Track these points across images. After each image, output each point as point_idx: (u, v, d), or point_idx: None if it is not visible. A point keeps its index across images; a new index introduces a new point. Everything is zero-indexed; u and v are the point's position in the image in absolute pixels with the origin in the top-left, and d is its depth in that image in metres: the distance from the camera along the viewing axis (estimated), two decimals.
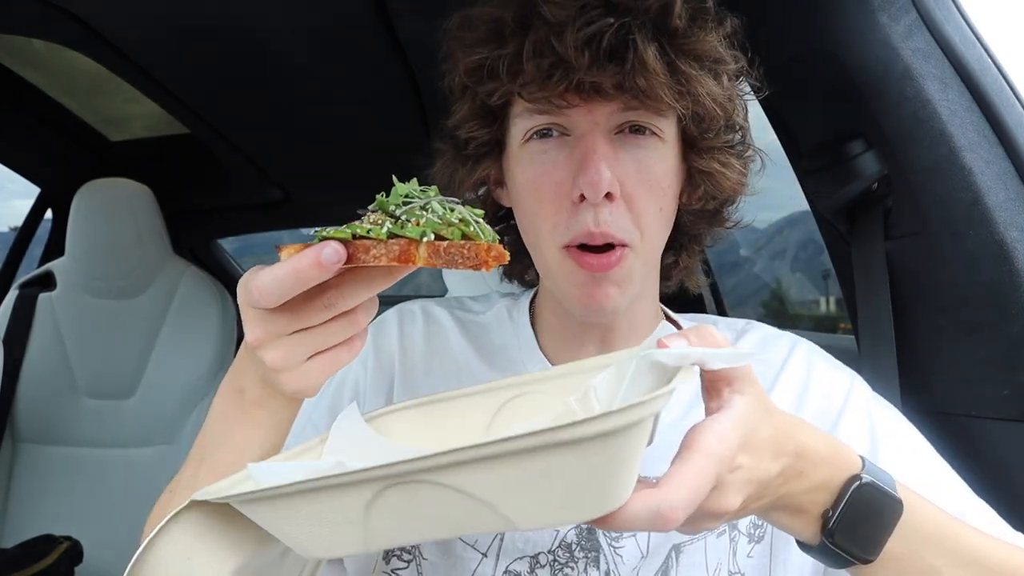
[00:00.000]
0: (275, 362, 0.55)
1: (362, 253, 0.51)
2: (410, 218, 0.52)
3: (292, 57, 1.63)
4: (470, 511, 0.43)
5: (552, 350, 0.83)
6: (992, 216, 0.87)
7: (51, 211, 2.57)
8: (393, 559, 0.76)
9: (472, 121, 0.76)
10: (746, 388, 0.51)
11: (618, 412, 0.40)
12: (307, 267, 0.50)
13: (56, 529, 1.90)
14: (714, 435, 0.47)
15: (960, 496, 0.73)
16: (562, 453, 0.40)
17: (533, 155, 0.73)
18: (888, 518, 0.56)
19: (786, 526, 0.57)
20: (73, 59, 1.76)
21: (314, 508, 0.45)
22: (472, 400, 0.67)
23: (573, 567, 0.72)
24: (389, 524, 0.45)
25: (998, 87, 0.91)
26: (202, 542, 0.50)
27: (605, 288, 0.71)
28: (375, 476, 0.43)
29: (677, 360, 0.48)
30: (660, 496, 0.44)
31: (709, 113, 0.70)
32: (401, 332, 0.85)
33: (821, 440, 0.56)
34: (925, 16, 0.92)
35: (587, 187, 0.67)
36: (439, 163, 0.82)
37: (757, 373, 0.79)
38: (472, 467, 0.42)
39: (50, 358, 2.14)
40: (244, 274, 0.56)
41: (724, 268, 3.12)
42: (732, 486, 0.49)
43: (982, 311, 0.89)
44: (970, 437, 0.91)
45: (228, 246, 3.24)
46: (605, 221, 0.69)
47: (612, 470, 0.42)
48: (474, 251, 0.51)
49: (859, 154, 0.99)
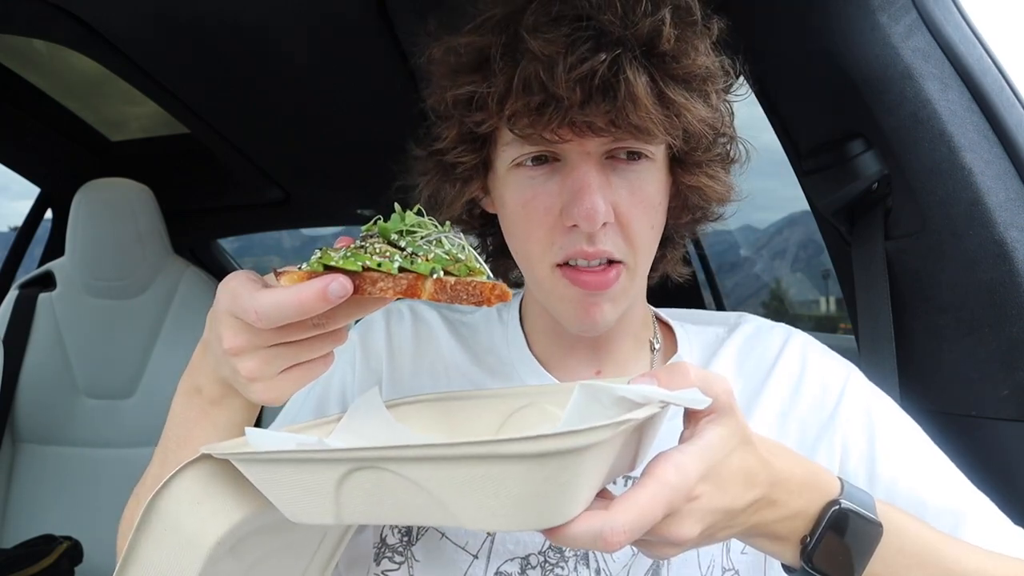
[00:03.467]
0: (251, 372, 0.55)
1: (368, 285, 0.53)
2: (418, 252, 0.54)
3: (292, 57, 1.63)
4: (425, 504, 0.47)
5: (542, 351, 0.83)
6: (992, 216, 0.87)
7: (51, 211, 2.57)
8: (384, 560, 0.76)
9: (459, 147, 0.75)
10: (722, 419, 0.52)
11: (552, 436, 0.43)
12: (312, 299, 0.51)
13: (56, 529, 1.90)
14: (673, 464, 0.48)
15: (959, 490, 0.73)
16: (501, 465, 0.44)
17: (522, 180, 0.72)
18: (867, 542, 0.57)
19: (766, 550, 0.58)
20: (73, 60, 1.76)
21: (296, 477, 0.50)
22: (488, 402, 0.70)
23: (563, 566, 0.72)
24: (358, 503, 0.49)
25: (998, 87, 0.91)
26: (210, 491, 0.54)
27: (600, 305, 0.71)
28: (343, 457, 0.48)
29: (642, 398, 0.49)
30: (605, 518, 0.45)
31: (698, 134, 0.70)
32: (389, 332, 0.85)
33: (799, 467, 0.56)
34: (925, 16, 0.92)
35: (582, 219, 0.67)
36: (423, 180, 0.81)
37: (751, 368, 0.80)
38: (424, 464, 0.46)
39: (50, 358, 2.14)
40: (230, 278, 0.56)
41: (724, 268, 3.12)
42: (689, 515, 0.49)
43: (982, 311, 0.89)
44: (970, 437, 0.91)
45: (228, 246, 3.25)
46: (600, 241, 0.69)
47: (552, 489, 0.44)
48: (479, 289, 0.53)
49: (859, 154, 0.99)
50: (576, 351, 0.81)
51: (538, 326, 0.84)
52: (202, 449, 0.54)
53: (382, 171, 0.83)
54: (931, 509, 0.69)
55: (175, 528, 0.53)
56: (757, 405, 0.78)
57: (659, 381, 0.52)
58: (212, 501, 0.54)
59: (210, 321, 0.59)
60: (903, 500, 0.69)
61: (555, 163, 0.71)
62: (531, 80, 0.65)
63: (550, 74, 0.64)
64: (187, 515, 0.53)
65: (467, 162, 0.75)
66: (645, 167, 0.71)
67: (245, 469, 0.52)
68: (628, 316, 0.80)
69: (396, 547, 0.76)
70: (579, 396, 0.50)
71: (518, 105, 0.65)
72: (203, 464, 0.54)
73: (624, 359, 0.82)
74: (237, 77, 1.75)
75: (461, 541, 0.74)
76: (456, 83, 0.71)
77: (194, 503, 0.53)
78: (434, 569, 0.74)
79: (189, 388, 0.63)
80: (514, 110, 0.66)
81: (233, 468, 0.54)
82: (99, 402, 2.15)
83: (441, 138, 0.76)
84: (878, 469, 0.73)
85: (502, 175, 0.74)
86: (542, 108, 0.65)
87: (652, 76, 0.65)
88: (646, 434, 0.55)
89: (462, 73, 0.70)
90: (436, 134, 0.77)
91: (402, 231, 0.56)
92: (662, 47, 0.65)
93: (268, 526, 0.58)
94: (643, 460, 0.53)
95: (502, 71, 0.67)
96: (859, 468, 0.73)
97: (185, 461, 0.54)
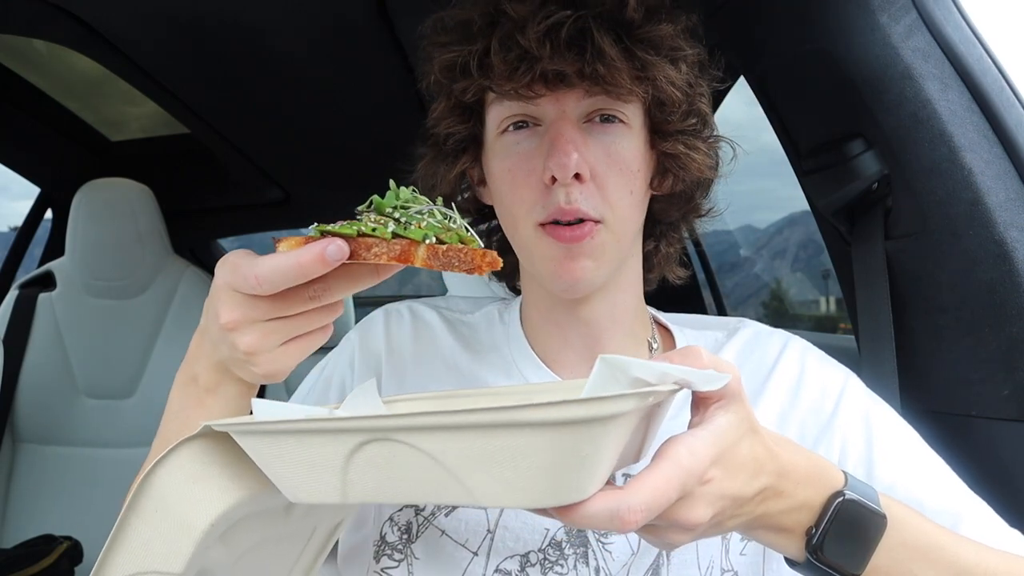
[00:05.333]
0: (250, 346, 0.56)
1: (363, 250, 0.54)
2: (411, 221, 0.55)
3: (292, 57, 1.63)
4: (439, 479, 0.46)
5: (541, 347, 0.83)
6: (992, 216, 0.87)
7: (51, 211, 2.57)
8: (383, 558, 0.76)
9: (449, 117, 0.80)
10: (731, 406, 0.52)
11: (578, 402, 0.41)
12: (310, 261, 0.52)
13: (56, 529, 1.90)
14: (686, 447, 0.48)
15: (956, 493, 0.73)
16: (523, 434, 0.42)
17: (508, 146, 0.76)
18: (872, 533, 0.57)
19: (771, 543, 0.58)
20: (73, 60, 1.76)
21: (303, 451, 0.49)
22: (486, 400, 0.70)
23: (563, 564, 0.72)
24: (368, 479, 0.48)
25: (998, 87, 0.91)
26: (207, 470, 0.53)
27: (580, 261, 0.73)
28: (356, 427, 0.47)
29: (658, 378, 0.49)
30: (620, 497, 0.45)
31: (670, 98, 0.74)
32: (388, 331, 0.86)
33: (804, 459, 0.57)
34: (925, 16, 0.92)
35: (556, 168, 0.70)
36: (421, 165, 0.85)
37: (749, 372, 0.80)
38: (440, 433, 0.44)
39: (50, 358, 2.14)
40: (228, 255, 0.57)
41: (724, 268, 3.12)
42: (701, 499, 0.49)
43: (982, 311, 0.89)
44: (970, 437, 0.91)
45: (228, 246, 3.24)
46: (576, 199, 0.72)
47: (572, 461, 0.43)
48: (470, 255, 0.53)
49: (859, 154, 0.99)
50: (571, 345, 0.82)
51: (534, 322, 0.84)
52: (203, 423, 0.53)
53: (382, 171, 0.83)
54: (928, 512, 0.69)
55: (167, 509, 0.52)
56: (755, 409, 0.77)
57: (673, 362, 0.51)
58: (207, 482, 0.53)
59: (207, 306, 0.60)
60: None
61: (536, 127, 0.75)
62: (507, 39, 0.71)
63: (523, 32, 0.70)
64: (180, 495, 0.52)
65: (457, 133, 0.80)
66: (621, 131, 0.75)
67: (246, 443, 0.51)
68: (619, 306, 0.81)
69: (396, 544, 0.76)
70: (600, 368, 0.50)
71: (496, 62, 0.72)
72: (200, 442, 0.54)
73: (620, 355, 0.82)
74: (237, 77, 1.75)
75: (461, 538, 0.74)
76: (443, 52, 0.77)
77: (188, 483, 0.53)
78: (434, 566, 0.74)
79: (186, 378, 0.64)
80: (493, 69, 0.72)
81: (231, 448, 0.53)
82: (99, 402, 2.15)
83: (433, 112, 0.81)
84: (876, 473, 0.73)
85: (490, 146, 0.79)
86: (517, 63, 0.70)
87: (618, 35, 0.71)
88: (652, 425, 0.54)
89: (449, 44, 0.77)
90: (430, 113, 0.82)
91: (396, 206, 0.57)
92: (628, 15, 0.71)
93: (261, 514, 0.58)
94: (648, 452, 0.53)
95: (482, 34, 0.73)
96: (857, 472, 0.73)
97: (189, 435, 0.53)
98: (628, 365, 0.49)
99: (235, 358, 0.58)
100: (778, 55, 1.08)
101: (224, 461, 0.54)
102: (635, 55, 0.71)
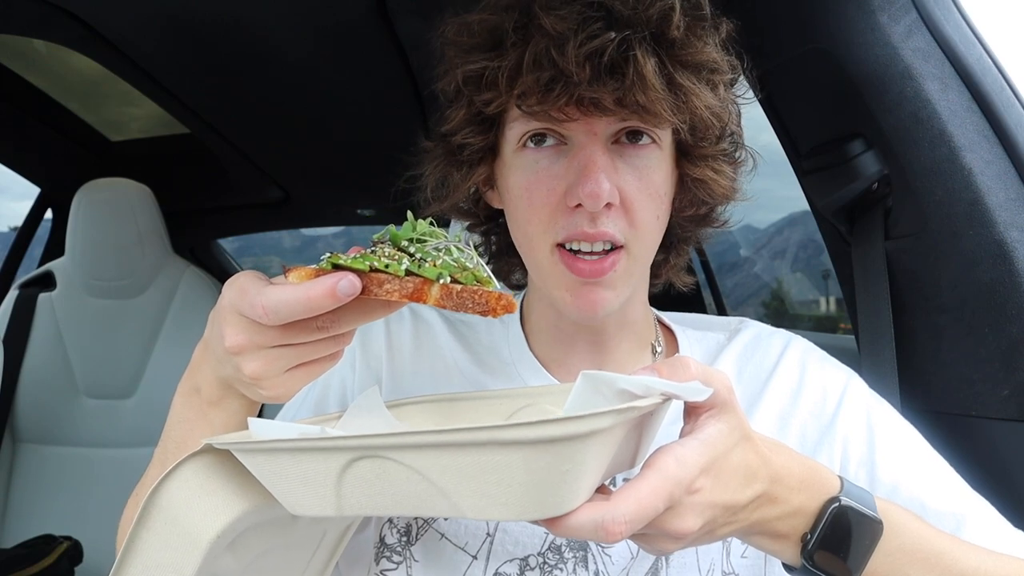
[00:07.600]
0: (255, 371, 0.55)
1: (375, 286, 0.53)
2: (426, 258, 0.54)
3: (292, 57, 1.63)
4: (427, 494, 0.47)
5: (542, 351, 0.83)
6: (992, 216, 0.87)
7: (51, 211, 2.58)
8: (383, 560, 0.76)
9: (467, 128, 0.75)
10: (722, 414, 0.52)
11: (555, 421, 0.42)
12: (320, 296, 0.51)
13: (56, 529, 1.90)
14: (674, 457, 0.48)
15: (960, 494, 0.73)
16: (504, 452, 0.44)
17: (527, 162, 0.72)
18: (868, 539, 0.57)
19: (767, 549, 0.58)
20: (73, 60, 1.76)
21: (298, 467, 0.50)
22: (488, 403, 0.71)
23: (562, 568, 0.72)
24: (360, 494, 0.50)
25: (998, 87, 0.91)
26: (211, 485, 0.54)
27: (599, 292, 0.71)
28: (345, 446, 0.48)
29: (643, 390, 0.49)
30: (606, 508, 0.45)
31: (705, 123, 0.69)
32: (388, 332, 0.85)
33: (799, 464, 0.56)
34: (925, 16, 0.92)
35: (587, 199, 0.67)
36: (430, 165, 0.81)
37: (750, 374, 0.80)
38: (427, 451, 0.46)
39: (50, 358, 2.14)
40: (237, 276, 0.56)
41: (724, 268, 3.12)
42: (690, 508, 0.49)
43: (982, 311, 0.89)
44: (970, 437, 0.91)
45: (228, 246, 3.25)
46: (603, 223, 0.69)
47: (553, 477, 0.44)
48: (484, 298, 0.53)
49: (859, 154, 0.99)
50: (577, 351, 0.81)
51: (539, 326, 0.84)
52: (204, 440, 0.54)
53: (382, 171, 0.83)
54: (931, 513, 0.69)
55: (175, 521, 0.53)
56: (757, 410, 0.78)
57: (660, 374, 0.51)
58: (212, 495, 0.54)
59: (212, 319, 0.58)
60: (904, 504, 0.69)
61: (560, 146, 0.71)
62: (542, 56, 0.65)
63: (560, 50, 0.64)
64: (187, 508, 0.53)
65: (474, 144, 0.75)
66: (651, 153, 0.71)
67: (246, 460, 0.52)
68: (629, 315, 0.80)
69: (395, 547, 0.75)
70: (582, 385, 0.50)
71: (528, 81, 0.66)
72: (204, 457, 0.55)
73: (625, 360, 0.82)
74: (237, 77, 1.75)
75: (460, 542, 0.74)
76: (468, 60, 0.71)
77: (194, 496, 0.54)
78: (433, 569, 0.74)
79: (188, 389, 0.63)
80: (524, 87, 0.67)
81: (235, 462, 0.54)
82: (99, 402, 2.15)
83: (450, 120, 0.76)
84: (878, 474, 0.73)
85: (508, 159, 0.74)
86: (551, 84, 0.65)
87: (661, 59, 0.66)
88: (646, 431, 0.55)
89: (475, 51, 0.71)
90: (445, 117, 0.77)
91: (412, 239, 0.56)
92: (671, 34, 0.66)
93: (268, 522, 0.59)
94: (642, 458, 0.53)
95: (514, 47, 0.67)
96: (859, 473, 0.73)
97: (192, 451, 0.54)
98: (614, 379, 0.49)
99: (239, 379, 0.57)
100: (778, 55, 1.08)
101: (229, 474, 0.55)
102: (675, 82, 0.66)
